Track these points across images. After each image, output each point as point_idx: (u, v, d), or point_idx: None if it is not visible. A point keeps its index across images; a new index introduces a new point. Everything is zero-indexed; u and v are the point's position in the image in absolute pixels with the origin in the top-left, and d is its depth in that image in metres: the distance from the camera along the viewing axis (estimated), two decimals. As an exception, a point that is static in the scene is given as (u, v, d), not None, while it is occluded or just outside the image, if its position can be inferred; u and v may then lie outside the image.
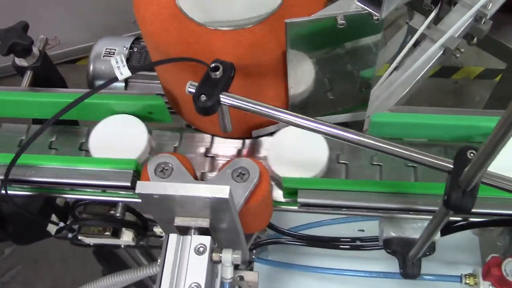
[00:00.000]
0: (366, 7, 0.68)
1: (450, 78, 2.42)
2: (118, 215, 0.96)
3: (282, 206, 0.89)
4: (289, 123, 0.70)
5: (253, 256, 1.07)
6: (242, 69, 0.76)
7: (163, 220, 0.69)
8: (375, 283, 1.05)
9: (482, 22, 1.09)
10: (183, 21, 0.79)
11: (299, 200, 0.81)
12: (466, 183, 0.59)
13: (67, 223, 0.98)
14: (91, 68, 1.08)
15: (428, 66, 1.04)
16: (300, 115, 0.69)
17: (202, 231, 0.68)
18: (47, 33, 1.08)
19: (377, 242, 0.92)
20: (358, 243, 0.97)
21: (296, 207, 0.87)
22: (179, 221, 0.67)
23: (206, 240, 0.66)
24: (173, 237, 0.67)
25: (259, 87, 0.81)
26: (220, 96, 0.69)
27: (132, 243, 1.03)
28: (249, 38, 0.77)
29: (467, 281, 0.93)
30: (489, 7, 1.06)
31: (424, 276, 0.96)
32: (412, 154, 0.65)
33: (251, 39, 0.76)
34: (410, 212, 0.81)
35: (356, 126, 0.93)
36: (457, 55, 1.05)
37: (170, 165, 0.70)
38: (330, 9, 0.70)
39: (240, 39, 0.77)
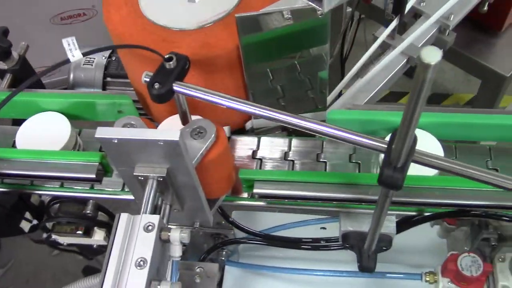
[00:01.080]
0: (310, 2, 0.72)
1: (440, 105, 2.46)
2: (88, 212, 0.99)
3: (244, 202, 0.92)
4: (245, 111, 0.74)
5: (222, 258, 1.09)
6: (201, 64, 0.81)
7: (125, 174, 0.73)
8: (342, 285, 1.06)
9: (446, 34, 1.14)
10: (146, 24, 0.85)
11: (255, 190, 0.84)
12: (396, 160, 0.62)
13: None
14: (72, 76, 1.13)
15: (392, 73, 1.08)
16: (256, 104, 0.73)
17: (161, 183, 0.72)
18: (47, 61, 1.14)
19: (338, 242, 0.94)
20: (323, 243, 0.99)
21: (257, 203, 0.91)
22: (138, 170, 0.71)
23: (155, 218, 0.69)
24: (124, 215, 0.70)
25: (218, 81, 0.85)
26: (173, 84, 0.73)
27: (104, 243, 1.06)
28: (206, 36, 0.81)
29: (427, 279, 0.94)
30: (451, 19, 1.11)
31: (387, 275, 0.98)
32: (350, 136, 0.68)
33: (208, 37, 0.81)
34: (363, 203, 0.84)
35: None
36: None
37: (134, 124, 0.74)
38: (278, 5, 0.75)
39: (198, 37, 0.82)
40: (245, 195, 0.92)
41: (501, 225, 0.92)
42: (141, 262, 0.66)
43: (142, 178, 0.73)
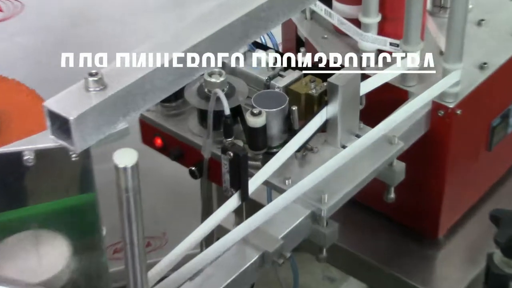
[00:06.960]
0: (60, 140, 0.57)
1: None
2: None
3: None
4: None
5: None
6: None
7: None
8: None
9: (324, 224, 0.89)
10: None
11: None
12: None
13: None
14: None
15: (240, 271, 0.80)
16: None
17: None
18: None
19: None
20: None
21: None
22: None
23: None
24: None
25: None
26: None
27: None
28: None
29: None
30: (325, 200, 0.84)
31: None
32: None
33: None
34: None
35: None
36: (280, 262, 0.80)
37: None
38: (21, 143, 0.60)
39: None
40: None
41: None
42: None
43: None
